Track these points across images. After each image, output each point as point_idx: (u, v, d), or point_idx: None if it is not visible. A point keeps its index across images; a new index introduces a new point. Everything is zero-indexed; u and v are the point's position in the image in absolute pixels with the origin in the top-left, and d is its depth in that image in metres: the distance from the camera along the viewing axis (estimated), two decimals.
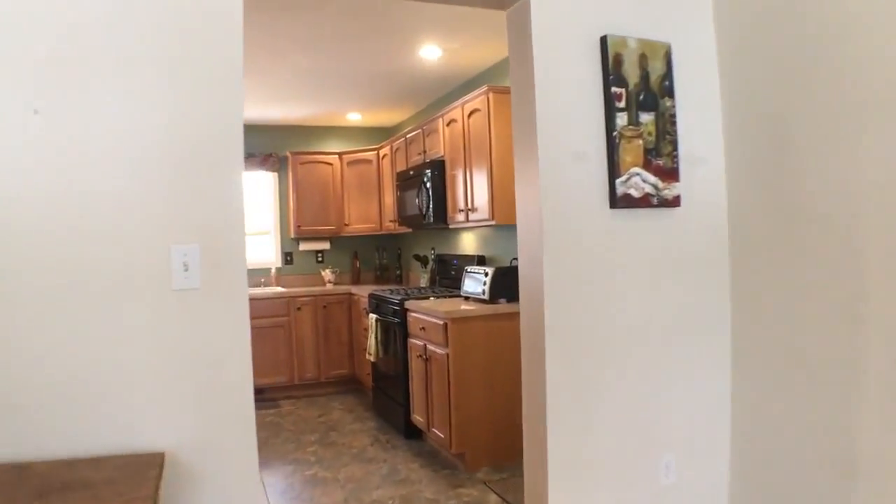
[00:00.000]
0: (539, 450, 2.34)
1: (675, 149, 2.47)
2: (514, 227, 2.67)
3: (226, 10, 1.84)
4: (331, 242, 6.74)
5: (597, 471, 2.37)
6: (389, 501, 3.41)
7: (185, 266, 1.81)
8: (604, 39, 2.35)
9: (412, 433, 4.51)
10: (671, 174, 2.46)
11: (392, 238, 6.80)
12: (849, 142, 2.05)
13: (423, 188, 4.83)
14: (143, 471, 1.55)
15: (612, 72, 2.36)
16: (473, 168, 4.26)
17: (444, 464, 3.99)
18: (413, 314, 4.37)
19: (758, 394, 2.45)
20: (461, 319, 3.84)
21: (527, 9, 2.29)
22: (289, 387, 5.91)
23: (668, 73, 2.46)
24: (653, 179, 2.42)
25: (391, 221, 5.96)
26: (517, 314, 2.49)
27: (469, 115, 4.29)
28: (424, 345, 4.17)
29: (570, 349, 2.32)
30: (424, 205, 4.85)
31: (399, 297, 4.66)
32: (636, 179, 2.39)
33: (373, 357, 5.03)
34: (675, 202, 2.47)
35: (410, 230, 5.77)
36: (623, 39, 2.37)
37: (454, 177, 4.55)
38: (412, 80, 5.04)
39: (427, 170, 4.78)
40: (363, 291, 5.60)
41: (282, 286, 6.42)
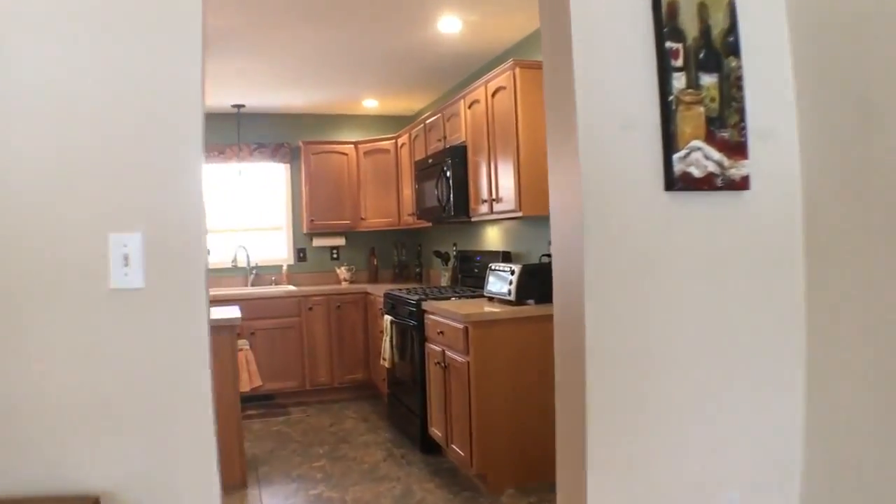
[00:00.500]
0: (576, 485, 1.91)
1: (743, 119, 2.01)
2: (543, 220, 2.24)
3: None
4: (346, 238, 6.35)
5: None
6: None
7: (126, 260, 1.42)
8: None
9: (429, 447, 4.10)
10: (738, 150, 2.00)
11: (411, 233, 6.40)
12: None
13: (443, 177, 4.41)
14: None
15: (667, 23, 1.91)
16: (498, 153, 3.82)
17: (464, 485, 3.57)
18: (431, 316, 3.96)
19: (837, 425, 1.99)
20: (484, 323, 3.42)
21: None
22: (299, 392, 5.54)
23: (733, 27, 2.01)
24: (717, 156, 1.97)
25: (410, 215, 5.55)
26: (547, 318, 2.06)
27: (493, 95, 3.85)
28: (443, 351, 3.75)
29: (617, 362, 1.88)
30: (444, 196, 4.43)
31: (416, 298, 4.25)
32: (697, 155, 1.94)
33: (388, 363, 4.63)
34: (744, 184, 2.01)
35: (430, 225, 5.36)
36: None
37: (477, 164, 4.12)
38: (430, 60, 4.62)
39: (447, 157, 4.36)
40: (379, 291, 5.20)
41: (294, 284, 6.05)
